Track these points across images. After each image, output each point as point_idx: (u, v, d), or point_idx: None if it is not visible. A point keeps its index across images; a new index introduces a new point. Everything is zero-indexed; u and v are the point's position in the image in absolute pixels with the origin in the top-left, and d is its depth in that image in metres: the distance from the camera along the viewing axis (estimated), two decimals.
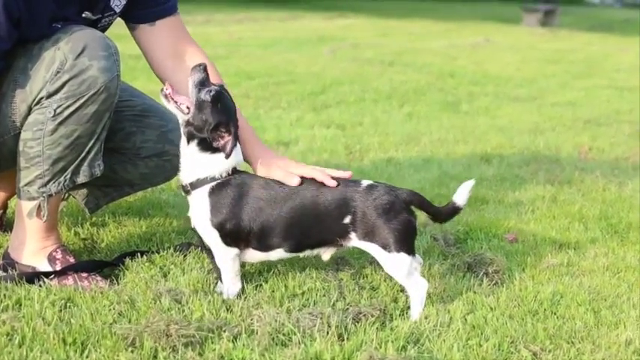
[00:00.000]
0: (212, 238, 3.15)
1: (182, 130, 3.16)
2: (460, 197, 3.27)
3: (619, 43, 19.92)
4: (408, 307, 3.19)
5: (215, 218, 3.12)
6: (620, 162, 6.52)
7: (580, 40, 20.33)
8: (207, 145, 3.12)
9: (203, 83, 3.10)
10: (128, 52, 3.28)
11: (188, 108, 3.10)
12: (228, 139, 3.09)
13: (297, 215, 3.14)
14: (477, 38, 18.67)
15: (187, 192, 3.19)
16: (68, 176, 3.26)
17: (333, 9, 27.34)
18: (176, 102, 3.11)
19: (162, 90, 3.13)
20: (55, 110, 3.12)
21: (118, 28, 3.73)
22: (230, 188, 3.14)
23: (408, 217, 3.15)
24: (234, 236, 3.14)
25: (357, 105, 8.77)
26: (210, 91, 3.08)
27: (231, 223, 3.12)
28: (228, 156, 3.10)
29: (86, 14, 3.29)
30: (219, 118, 3.08)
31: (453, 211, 3.28)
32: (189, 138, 3.13)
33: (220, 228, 3.12)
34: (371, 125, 7.61)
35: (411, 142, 6.87)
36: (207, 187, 3.14)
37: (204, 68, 3.11)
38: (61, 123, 3.14)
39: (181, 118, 3.14)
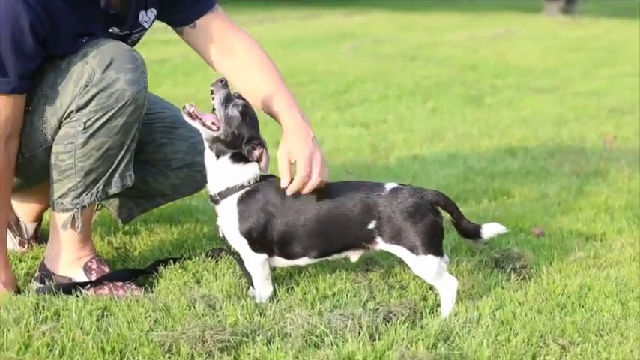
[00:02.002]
0: (241, 245, 3.21)
1: (208, 145, 3.19)
2: (488, 230, 3.30)
3: None
4: (438, 305, 3.24)
5: (243, 226, 3.18)
6: None
7: (602, 27, 20.21)
8: (239, 158, 3.17)
9: (228, 99, 3.14)
10: (152, 58, 3.35)
11: (214, 124, 3.14)
12: (261, 150, 3.16)
13: (322, 223, 3.18)
14: (498, 29, 18.62)
15: (216, 202, 3.25)
16: (100, 187, 3.33)
17: (351, 5, 27.33)
18: (201, 119, 3.15)
19: (184, 108, 3.16)
20: (84, 123, 3.20)
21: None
22: (258, 196, 3.19)
23: (434, 218, 3.17)
24: (261, 243, 3.20)
25: (380, 102, 8.80)
26: (237, 106, 3.13)
27: (257, 230, 3.18)
28: (266, 169, 3.17)
29: (113, 30, 3.36)
30: (250, 132, 3.15)
31: (474, 233, 3.30)
32: (220, 153, 3.17)
33: (248, 235, 3.18)
34: (395, 122, 7.65)
35: (436, 138, 6.90)
36: (236, 196, 3.19)
37: (225, 83, 3.15)
38: (91, 136, 3.22)
39: (207, 135, 3.17)
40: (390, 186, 3.22)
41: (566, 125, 7.57)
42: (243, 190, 3.19)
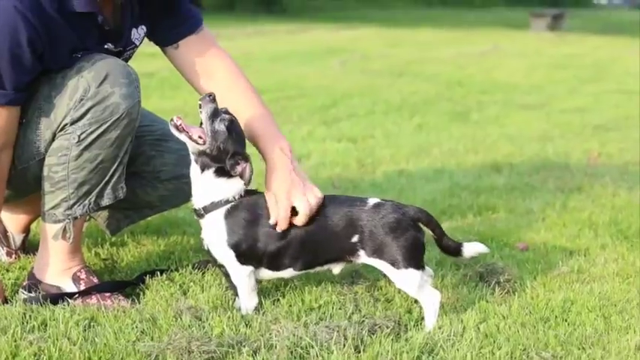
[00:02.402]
0: (228, 257, 3.23)
1: (194, 159, 3.23)
2: (469, 249, 3.34)
3: (628, 45, 19.94)
4: (422, 318, 3.26)
5: (231, 239, 3.20)
6: (629, 167, 6.57)
7: (589, 44, 20.37)
8: (222, 172, 3.20)
9: (215, 113, 3.17)
10: (141, 70, 3.38)
11: (201, 138, 3.17)
12: (244, 165, 3.18)
13: (307, 236, 3.21)
14: (486, 46, 18.73)
15: (200, 215, 3.27)
16: (93, 199, 3.36)
17: (340, 20, 27.42)
18: (187, 132, 3.17)
19: (171, 120, 3.19)
20: (79, 136, 3.23)
21: None
22: (244, 210, 3.22)
23: (415, 233, 3.21)
24: (248, 256, 3.23)
25: (367, 118, 8.85)
26: (224, 121, 3.16)
27: (246, 243, 3.20)
28: (248, 183, 3.19)
29: (108, 46, 3.39)
30: (235, 147, 3.18)
31: (455, 250, 3.34)
32: (204, 167, 3.21)
33: (236, 248, 3.21)
34: (382, 137, 7.69)
35: (422, 153, 6.94)
36: (222, 210, 3.22)
37: (213, 98, 3.18)
38: (85, 148, 3.25)
39: (193, 148, 3.20)
40: (372, 201, 3.26)
41: (552, 142, 7.64)
42: (229, 205, 3.22)
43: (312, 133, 7.74)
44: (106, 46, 3.39)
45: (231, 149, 3.17)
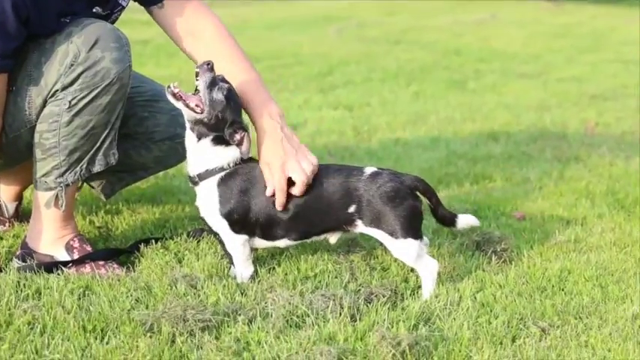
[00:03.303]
0: (221, 226, 3.22)
1: (190, 127, 3.20)
2: (463, 221, 3.32)
3: (626, 15, 19.79)
4: (419, 287, 3.26)
5: (223, 208, 3.18)
6: (626, 136, 6.56)
7: (586, 13, 20.24)
8: (219, 140, 3.17)
9: (213, 82, 3.14)
10: (135, 38, 3.35)
11: (198, 106, 3.13)
12: (243, 134, 3.16)
13: (302, 207, 3.18)
14: (483, 14, 18.61)
15: (195, 183, 3.25)
16: (84, 166, 3.33)
17: None
18: (185, 100, 3.14)
19: (168, 87, 3.16)
20: (69, 102, 3.19)
21: (123, 13, 3.76)
22: (238, 178, 3.19)
23: (413, 202, 3.18)
24: (241, 225, 3.20)
25: (364, 85, 8.81)
26: (222, 90, 3.13)
27: (238, 212, 3.18)
28: (247, 153, 3.17)
29: (96, 9, 3.35)
30: (233, 115, 3.15)
31: (450, 221, 3.32)
32: (201, 135, 3.17)
33: (228, 217, 3.19)
34: (378, 105, 7.66)
35: (419, 121, 6.92)
36: (216, 178, 3.20)
37: (211, 67, 3.14)
38: (76, 114, 3.21)
39: (190, 116, 3.17)
40: (369, 170, 3.22)
41: (549, 111, 7.61)
42: (223, 173, 3.20)
43: (308, 101, 7.71)
44: (94, 10, 3.35)
45: (229, 118, 3.15)
